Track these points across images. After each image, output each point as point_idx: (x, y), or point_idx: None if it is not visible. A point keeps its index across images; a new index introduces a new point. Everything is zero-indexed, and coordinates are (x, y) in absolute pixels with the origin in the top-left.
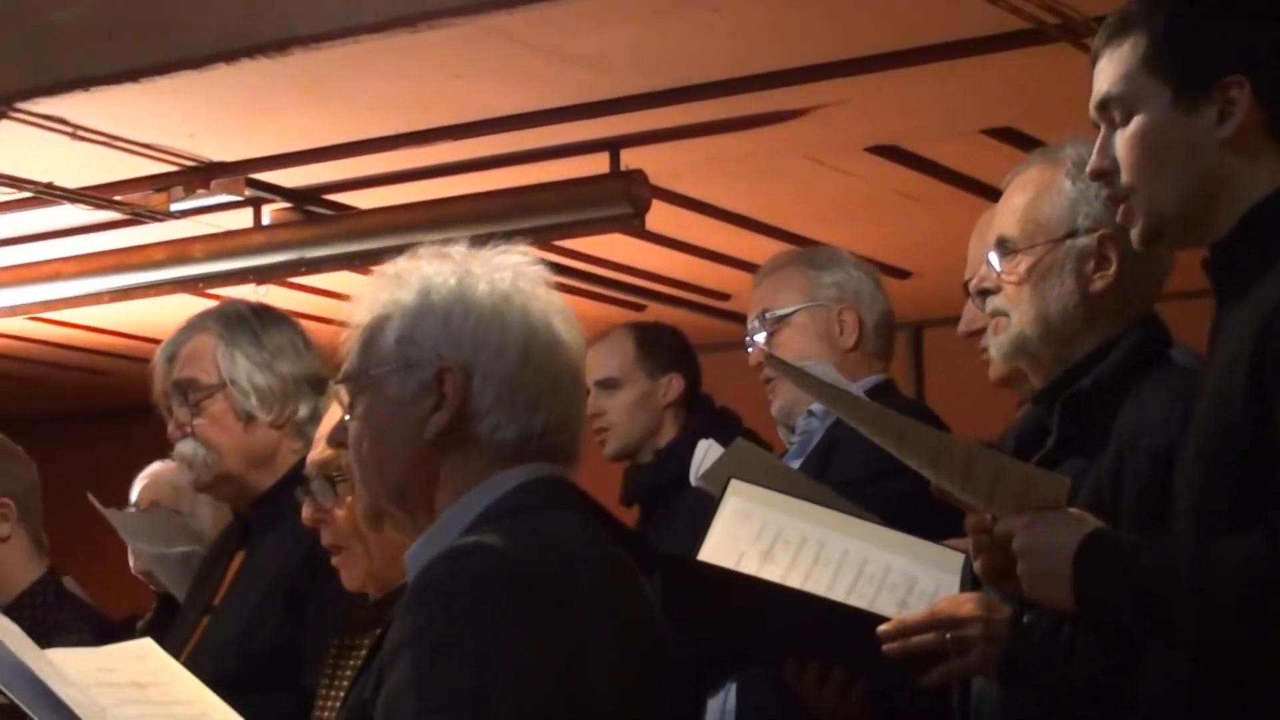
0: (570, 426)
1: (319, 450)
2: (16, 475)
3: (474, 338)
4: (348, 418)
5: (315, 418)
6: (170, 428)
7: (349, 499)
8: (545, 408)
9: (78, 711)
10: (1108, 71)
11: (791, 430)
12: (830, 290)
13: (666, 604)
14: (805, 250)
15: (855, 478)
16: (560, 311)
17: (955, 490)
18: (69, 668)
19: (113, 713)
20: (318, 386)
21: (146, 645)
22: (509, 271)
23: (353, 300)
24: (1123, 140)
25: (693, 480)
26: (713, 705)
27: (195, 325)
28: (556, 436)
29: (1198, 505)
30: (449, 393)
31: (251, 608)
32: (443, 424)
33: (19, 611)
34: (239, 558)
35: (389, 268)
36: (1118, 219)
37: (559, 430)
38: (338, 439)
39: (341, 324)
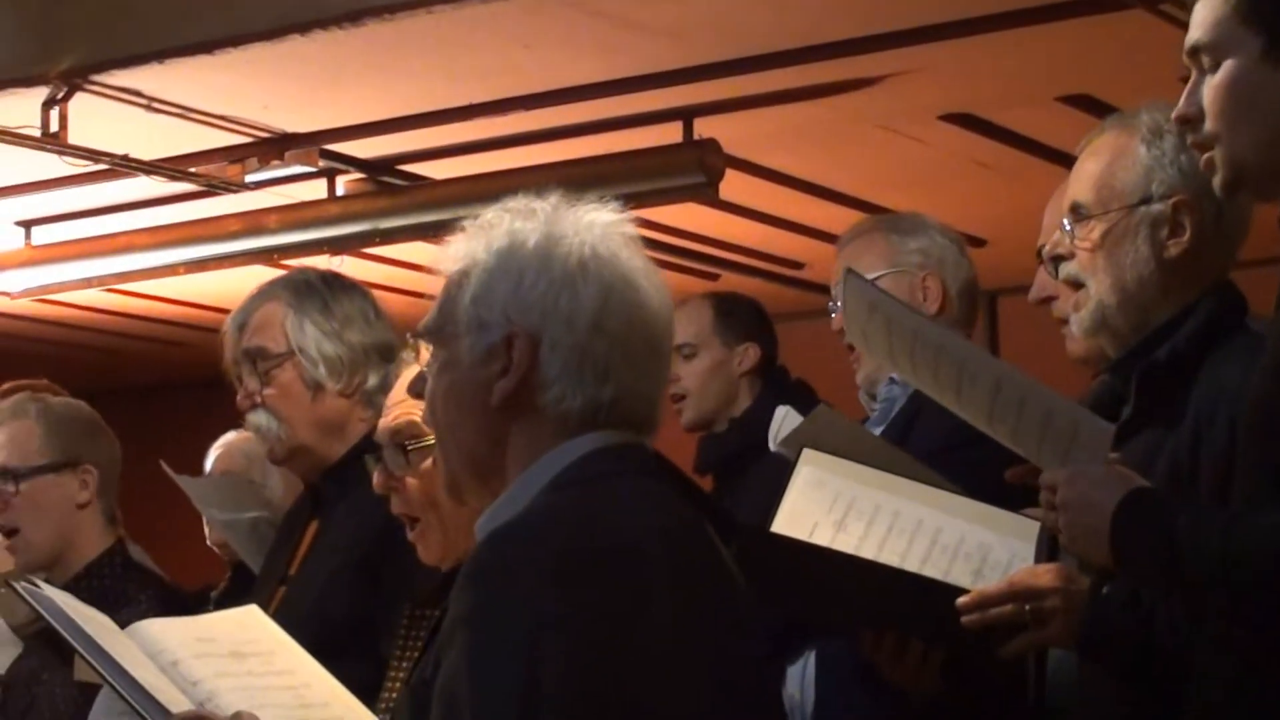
0: (647, 395)
1: (391, 416)
2: (103, 448)
3: (544, 304)
4: (423, 369)
5: (385, 387)
6: (239, 396)
7: (423, 466)
8: (616, 379)
9: (156, 695)
10: (1201, 16)
11: (874, 398)
12: (914, 256)
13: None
14: (889, 216)
15: (938, 446)
16: (645, 276)
17: (1008, 437)
18: (169, 638)
19: (208, 684)
20: (388, 356)
21: (250, 613)
22: (592, 234)
23: (456, 242)
24: (1210, 88)
25: (772, 446)
26: (792, 673)
27: (265, 293)
28: (630, 406)
29: (1246, 475)
30: (516, 359)
31: (327, 577)
32: (507, 390)
33: (88, 580)
34: (313, 527)
35: (480, 217)
36: (1200, 166)
37: (633, 400)
38: (417, 389)
39: (415, 294)
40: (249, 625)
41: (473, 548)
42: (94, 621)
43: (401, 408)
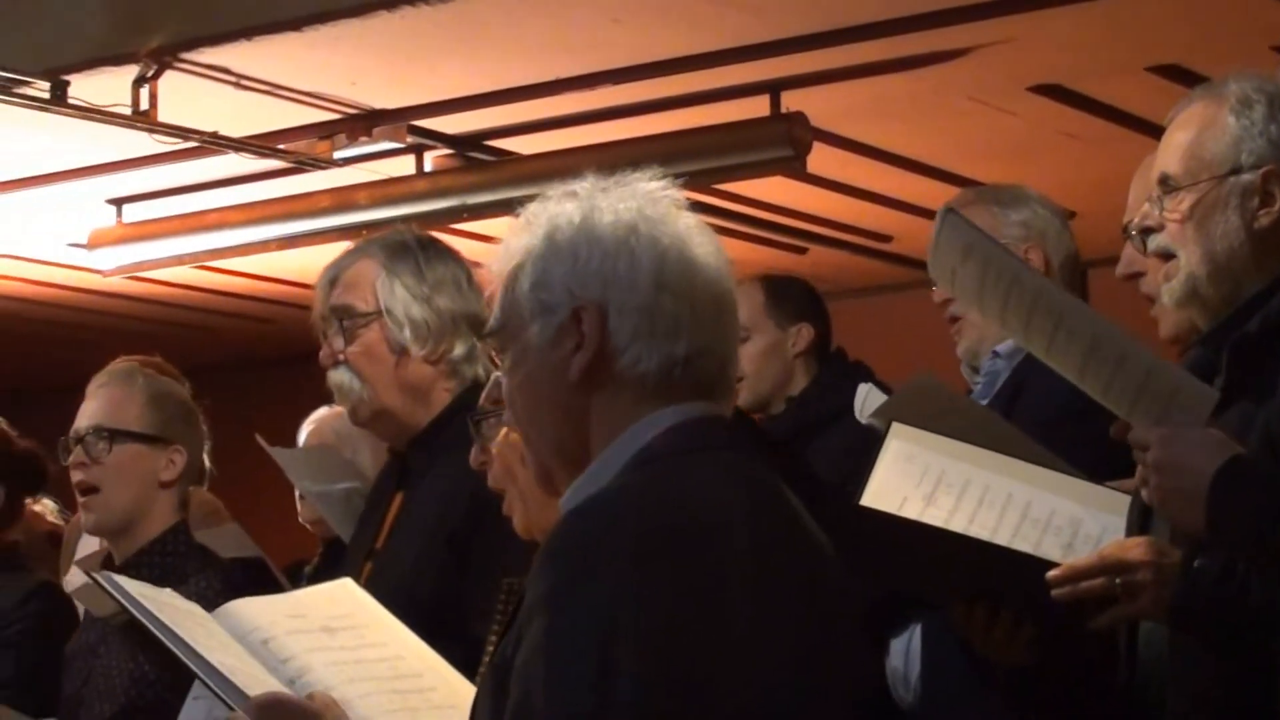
0: (720, 353)
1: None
2: (195, 436)
3: (603, 273)
4: (499, 374)
5: (471, 358)
6: (322, 353)
7: (500, 434)
8: (687, 334)
9: (232, 678)
10: None
11: (976, 370)
12: (1016, 229)
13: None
14: (991, 188)
15: (1043, 420)
16: (697, 233)
17: (1099, 391)
18: (260, 617)
19: (300, 660)
20: (477, 327)
21: (342, 587)
22: (635, 201)
23: (504, 240)
24: None
25: (861, 419)
26: (897, 646)
27: (360, 250)
28: (703, 364)
29: None
30: (587, 331)
31: (414, 553)
32: (585, 364)
33: (150, 556)
34: (398, 500)
35: (521, 213)
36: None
37: (705, 357)
38: (494, 396)
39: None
40: (341, 599)
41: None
42: (173, 608)
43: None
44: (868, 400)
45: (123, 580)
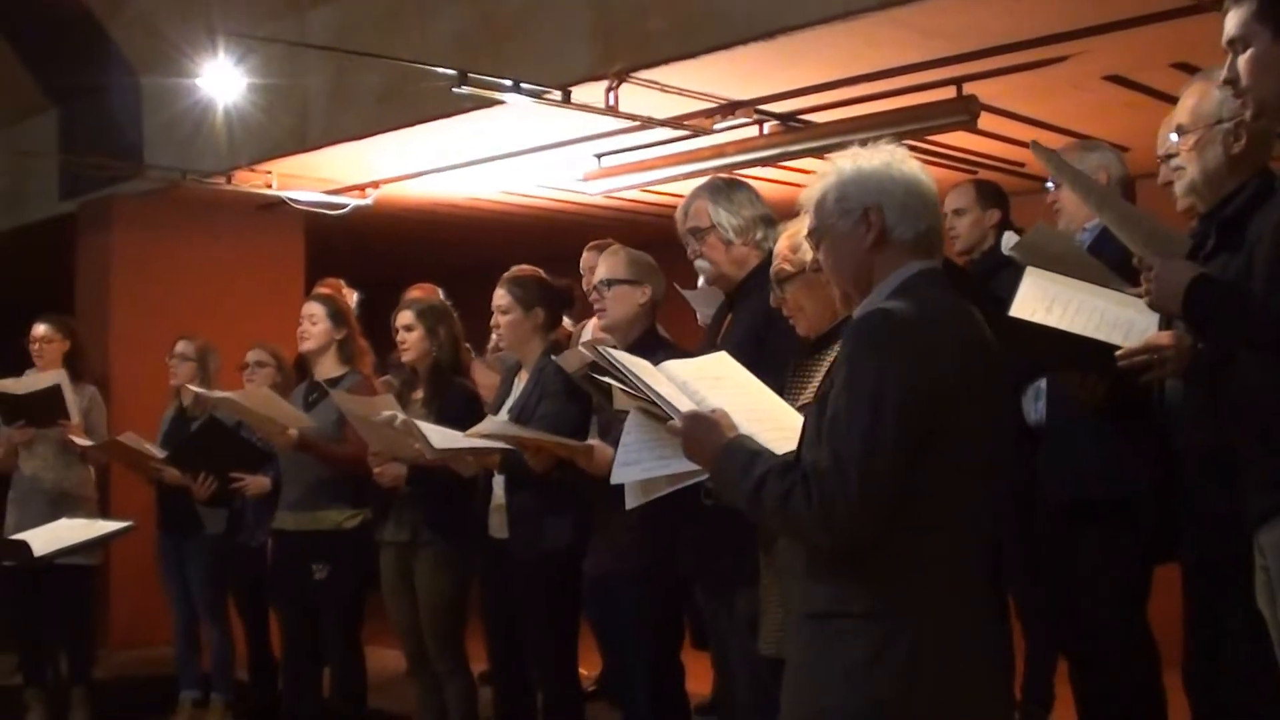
0: (937, 230)
1: (774, 267)
2: (657, 280)
3: (878, 187)
4: (816, 254)
5: (766, 238)
6: (689, 252)
7: (788, 289)
8: (924, 219)
9: (673, 401)
10: (1232, 20)
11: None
12: (1094, 162)
13: (996, 338)
14: (1082, 140)
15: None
16: (919, 169)
17: (1130, 241)
18: (680, 371)
19: (702, 394)
20: (768, 222)
21: (722, 356)
22: (888, 153)
23: (810, 184)
24: (1242, 62)
25: (1005, 251)
26: (1030, 391)
27: (696, 193)
28: (932, 237)
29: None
30: (873, 220)
31: (734, 347)
32: (872, 238)
33: (633, 347)
34: (728, 319)
35: (826, 163)
36: (1240, 108)
37: (932, 232)
38: (815, 266)
39: (803, 186)
40: (724, 363)
41: (827, 328)
42: (638, 364)
43: (777, 261)
44: (1007, 238)
45: (604, 349)
